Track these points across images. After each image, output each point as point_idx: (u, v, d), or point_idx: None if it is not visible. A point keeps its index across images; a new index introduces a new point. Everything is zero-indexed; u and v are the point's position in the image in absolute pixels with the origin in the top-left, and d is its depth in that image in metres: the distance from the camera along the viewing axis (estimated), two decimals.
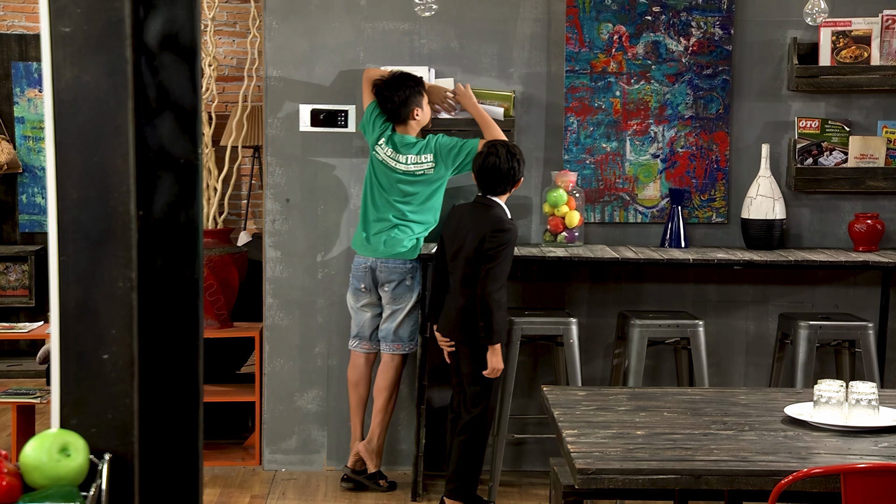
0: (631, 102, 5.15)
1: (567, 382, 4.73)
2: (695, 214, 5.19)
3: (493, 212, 4.40)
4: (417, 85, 4.79)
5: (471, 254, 4.34)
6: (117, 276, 1.64)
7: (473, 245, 4.33)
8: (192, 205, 1.77)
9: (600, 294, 5.20)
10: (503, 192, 4.44)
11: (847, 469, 2.36)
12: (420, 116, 4.82)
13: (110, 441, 1.62)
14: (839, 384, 2.99)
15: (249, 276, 5.64)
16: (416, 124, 4.83)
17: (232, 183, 5.81)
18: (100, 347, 1.63)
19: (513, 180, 4.42)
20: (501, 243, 4.32)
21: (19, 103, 7.45)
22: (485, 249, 4.31)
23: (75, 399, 1.62)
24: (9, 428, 5.69)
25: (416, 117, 4.81)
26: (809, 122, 5.13)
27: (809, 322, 4.70)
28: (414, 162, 4.78)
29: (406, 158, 4.78)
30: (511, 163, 4.38)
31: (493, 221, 4.36)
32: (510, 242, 4.36)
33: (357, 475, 4.85)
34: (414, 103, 4.77)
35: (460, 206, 4.60)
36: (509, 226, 4.38)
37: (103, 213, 1.64)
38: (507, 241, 4.34)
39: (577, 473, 2.60)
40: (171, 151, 1.75)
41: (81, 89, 1.65)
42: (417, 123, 4.83)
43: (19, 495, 1.51)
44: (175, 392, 1.75)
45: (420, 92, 4.79)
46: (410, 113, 4.78)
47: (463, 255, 4.37)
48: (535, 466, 5.23)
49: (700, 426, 2.96)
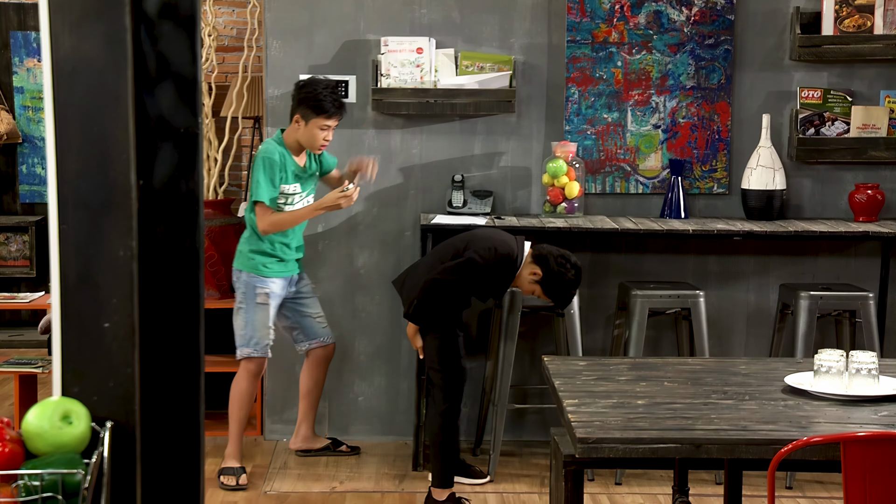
0: (632, 73, 5.13)
1: (568, 353, 4.74)
2: (696, 185, 5.19)
3: (504, 246, 4.27)
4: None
5: (451, 250, 4.33)
6: (118, 246, 1.64)
7: (460, 246, 4.32)
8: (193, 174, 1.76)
9: (601, 265, 5.20)
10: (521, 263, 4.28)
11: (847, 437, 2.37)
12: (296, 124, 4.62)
13: (112, 409, 1.63)
14: (839, 353, 3.00)
15: None
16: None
17: (232, 154, 5.80)
18: (101, 316, 1.63)
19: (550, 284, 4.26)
20: (478, 253, 4.22)
21: (18, 73, 7.42)
22: (461, 250, 4.28)
23: (77, 367, 1.63)
24: (11, 397, 5.71)
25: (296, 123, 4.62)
26: (812, 91, 5.12)
27: (810, 292, 4.70)
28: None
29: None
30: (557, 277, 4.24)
31: (493, 243, 4.28)
32: (486, 266, 4.22)
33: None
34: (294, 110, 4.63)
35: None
36: (496, 257, 4.23)
37: (103, 183, 1.64)
38: (487, 259, 4.22)
39: (578, 443, 2.61)
40: (171, 121, 1.74)
41: (80, 58, 1.64)
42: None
43: (22, 462, 1.52)
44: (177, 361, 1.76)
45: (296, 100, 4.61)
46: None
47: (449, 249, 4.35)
48: (536, 436, 5.25)
49: (700, 396, 2.97)
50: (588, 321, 5.10)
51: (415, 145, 5.16)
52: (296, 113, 4.58)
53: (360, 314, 5.23)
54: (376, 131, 5.15)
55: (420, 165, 5.17)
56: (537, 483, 4.72)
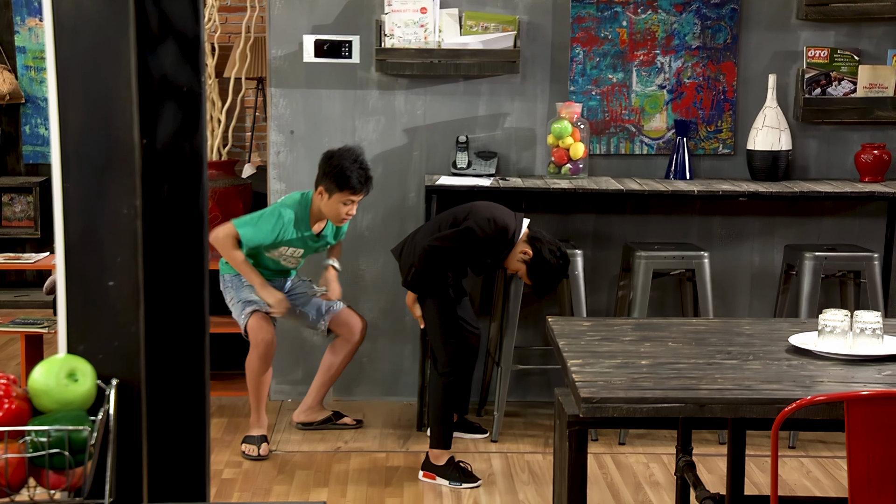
0: (637, 32, 5.09)
1: (572, 314, 4.74)
2: (701, 146, 5.17)
3: (503, 220, 4.28)
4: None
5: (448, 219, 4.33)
6: (121, 204, 1.63)
7: (459, 216, 4.31)
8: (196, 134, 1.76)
9: (605, 226, 5.20)
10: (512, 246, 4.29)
11: (850, 397, 2.37)
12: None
13: (117, 368, 1.63)
14: (844, 313, 2.99)
15: (254, 209, 5.64)
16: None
17: (236, 115, 5.77)
18: (105, 275, 1.63)
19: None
20: (477, 223, 4.21)
21: (20, 32, 7.38)
22: (461, 220, 4.28)
23: (81, 326, 1.63)
24: (17, 357, 5.74)
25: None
26: (818, 51, 5.08)
27: (815, 253, 4.69)
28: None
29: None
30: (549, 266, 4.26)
31: (493, 215, 4.28)
32: (484, 237, 4.22)
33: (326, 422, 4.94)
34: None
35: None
36: (493, 229, 4.24)
37: (106, 141, 1.63)
38: (485, 230, 4.22)
39: (582, 402, 2.62)
40: (173, 80, 1.73)
41: (82, 16, 1.63)
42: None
43: (29, 419, 1.53)
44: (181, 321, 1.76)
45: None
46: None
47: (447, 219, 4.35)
48: (540, 397, 5.27)
49: (704, 356, 2.97)
50: (592, 282, 5.10)
51: (419, 106, 5.14)
52: (321, 184, 4.48)
53: (365, 276, 5.24)
54: (380, 92, 5.13)
55: (424, 126, 5.15)
56: (541, 443, 4.75)
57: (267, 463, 4.51)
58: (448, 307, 4.36)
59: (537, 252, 4.23)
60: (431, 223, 4.45)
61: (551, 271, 4.25)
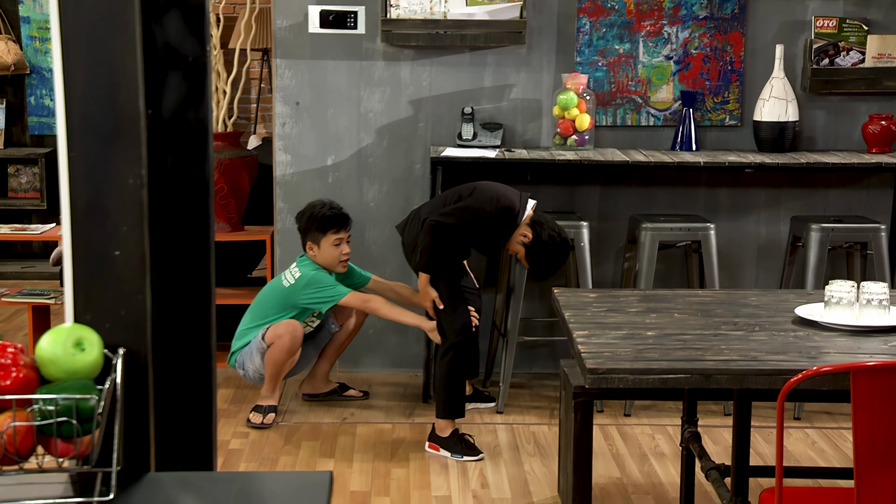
0: (644, 3, 5.06)
1: (578, 285, 4.74)
2: (707, 117, 5.14)
3: (507, 199, 4.27)
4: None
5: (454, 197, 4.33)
6: (127, 174, 1.63)
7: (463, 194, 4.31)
8: (202, 105, 1.75)
9: (611, 198, 5.19)
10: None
11: (857, 367, 2.38)
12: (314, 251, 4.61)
13: (124, 337, 1.63)
14: (850, 284, 2.99)
15: (260, 180, 5.63)
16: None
17: (241, 86, 5.76)
18: (111, 244, 1.63)
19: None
20: (483, 203, 4.21)
21: (24, 2, 7.35)
22: (465, 197, 4.27)
23: (88, 295, 1.63)
24: (24, 328, 5.75)
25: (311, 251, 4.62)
26: (827, 21, 5.05)
27: (822, 224, 4.68)
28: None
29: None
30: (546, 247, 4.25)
31: (497, 194, 4.27)
32: (488, 215, 4.22)
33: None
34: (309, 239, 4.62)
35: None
36: (497, 208, 4.23)
37: (112, 110, 1.63)
38: (489, 208, 4.22)
39: (588, 373, 2.62)
40: (178, 49, 1.73)
41: None
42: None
43: (36, 387, 1.53)
44: (188, 291, 1.76)
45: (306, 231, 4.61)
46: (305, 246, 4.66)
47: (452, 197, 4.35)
48: (546, 369, 5.28)
49: (710, 327, 2.97)
50: (598, 254, 5.10)
51: (424, 77, 5.12)
52: (307, 241, 4.59)
53: (371, 247, 5.24)
54: (385, 63, 5.11)
55: (430, 98, 5.14)
56: (547, 415, 4.76)
57: (273, 434, 4.53)
58: (454, 282, 4.39)
59: (537, 235, 4.22)
60: (436, 200, 4.44)
61: (549, 256, 4.25)
